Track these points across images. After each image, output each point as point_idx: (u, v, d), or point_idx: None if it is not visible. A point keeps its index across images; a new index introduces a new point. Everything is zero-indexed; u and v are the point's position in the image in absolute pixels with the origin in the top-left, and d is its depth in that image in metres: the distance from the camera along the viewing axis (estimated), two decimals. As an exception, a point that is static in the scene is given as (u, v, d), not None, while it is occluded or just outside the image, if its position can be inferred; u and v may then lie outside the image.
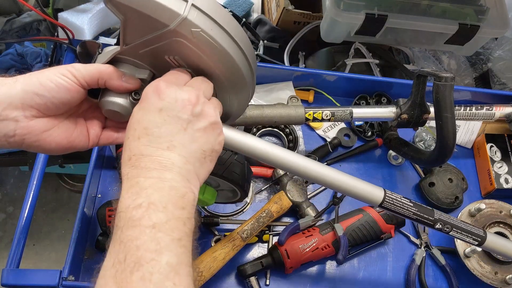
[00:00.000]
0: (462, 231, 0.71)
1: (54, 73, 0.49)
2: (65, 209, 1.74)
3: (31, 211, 0.75)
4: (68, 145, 0.53)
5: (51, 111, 0.50)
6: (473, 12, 0.97)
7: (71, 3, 1.02)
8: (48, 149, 0.52)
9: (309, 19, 1.09)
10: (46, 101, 0.48)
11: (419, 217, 0.69)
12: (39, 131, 0.50)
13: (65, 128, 0.52)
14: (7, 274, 0.69)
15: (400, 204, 0.67)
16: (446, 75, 0.75)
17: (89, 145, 0.55)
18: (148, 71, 0.54)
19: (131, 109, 0.52)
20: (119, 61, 0.53)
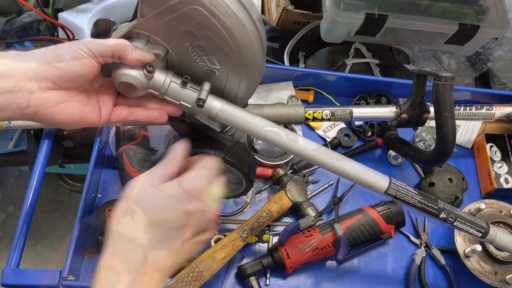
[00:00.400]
0: (466, 222, 0.71)
1: (70, 47, 0.50)
2: (65, 209, 1.75)
3: (31, 211, 0.75)
4: (80, 119, 0.53)
5: (66, 84, 0.51)
6: (473, 12, 0.97)
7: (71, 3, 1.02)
8: (60, 122, 0.52)
9: (309, 19, 1.09)
10: (61, 73, 0.49)
11: (424, 205, 0.69)
12: (53, 103, 0.50)
13: (78, 102, 0.53)
14: (7, 274, 0.69)
15: (405, 191, 0.68)
16: (446, 75, 0.75)
17: (100, 122, 0.55)
18: (162, 46, 0.55)
19: (144, 82, 0.54)
20: (133, 36, 0.55)
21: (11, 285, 0.69)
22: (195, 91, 0.57)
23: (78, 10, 1.00)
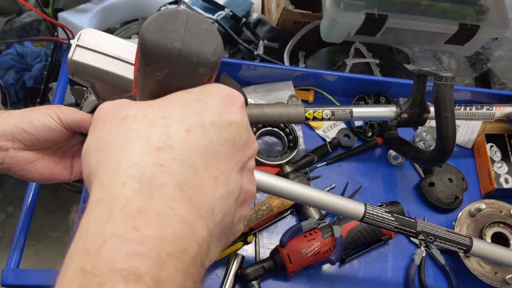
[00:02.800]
0: (446, 241, 0.73)
1: (43, 114, 0.55)
2: (65, 209, 1.74)
3: (31, 211, 0.75)
4: (49, 176, 0.58)
5: (37, 146, 0.56)
6: (473, 12, 0.97)
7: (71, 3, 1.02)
8: (31, 178, 0.58)
9: (309, 19, 1.09)
10: (32, 138, 0.55)
11: (401, 230, 0.71)
12: (24, 162, 0.56)
13: (49, 162, 0.58)
14: (7, 274, 0.69)
15: (381, 219, 0.71)
16: (446, 75, 0.75)
17: (71, 178, 0.60)
18: None
19: None
20: None
21: (11, 285, 0.69)
22: None
23: (78, 10, 1.00)
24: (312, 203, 0.70)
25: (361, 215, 0.70)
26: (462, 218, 0.90)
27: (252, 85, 1.01)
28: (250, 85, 1.01)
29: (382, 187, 0.97)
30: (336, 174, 0.97)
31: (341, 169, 0.98)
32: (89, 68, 0.63)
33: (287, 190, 0.68)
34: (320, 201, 0.69)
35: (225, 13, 1.09)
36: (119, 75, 0.62)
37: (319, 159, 0.96)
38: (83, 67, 0.63)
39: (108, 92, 0.57)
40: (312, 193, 0.69)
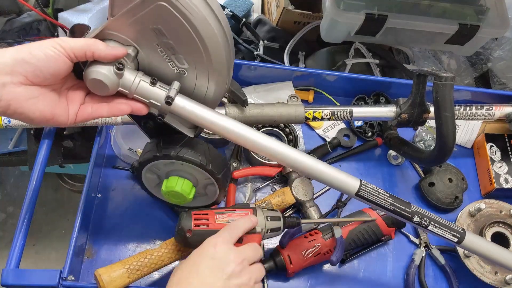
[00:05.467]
0: (441, 226, 0.70)
1: (43, 44, 0.52)
2: (65, 209, 1.75)
3: (31, 211, 0.75)
4: (50, 116, 0.55)
5: (38, 80, 0.52)
6: (473, 12, 0.97)
7: (71, 3, 1.02)
8: (31, 117, 0.53)
9: (309, 19, 1.09)
10: (35, 69, 0.51)
11: (396, 208, 0.68)
12: (25, 98, 0.52)
13: (50, 100, 0.55)
14: (7, 274, 0.69)
15: (376, 193, 0.68)
16: (446, 75, 0.75)
17: (68, 122, 0.57)
18: (132, 47, 0.57)
19: (114, 79, 0.56)
20: (106, 38, 0.57)
21: (11, 285, 0.69)
22: (164, 89, 0.58)
23: (78, 10, 1.00)
24: (303, 169, 0.66)
25: (356, 190, 0.67)
26: (462, 218, 0.90)
27: (252, 85, 1.01)
28: (250, 85, 1.01)
29: (382, 187, 0.96)
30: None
31: (341, 169, 0.97)
32: None
33: (280, 153, 0.65)
34: (313, 169, 0.66)
35: (225, 13, 1.09)
36: None
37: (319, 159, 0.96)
38: None
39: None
40: (305, 158, 0.66)
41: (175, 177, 0.70)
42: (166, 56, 0.58)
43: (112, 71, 0.55)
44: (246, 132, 0.63)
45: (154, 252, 0.73)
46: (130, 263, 0.71)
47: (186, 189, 0.70)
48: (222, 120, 0.62)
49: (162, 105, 0.58)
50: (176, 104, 0.59)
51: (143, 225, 0.86)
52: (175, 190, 0.69)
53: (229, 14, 1.10)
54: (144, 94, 0.58)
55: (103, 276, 0.69)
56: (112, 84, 0.56)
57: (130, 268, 0.71)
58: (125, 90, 0.58)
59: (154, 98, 0.58)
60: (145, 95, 0.58)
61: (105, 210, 0.87)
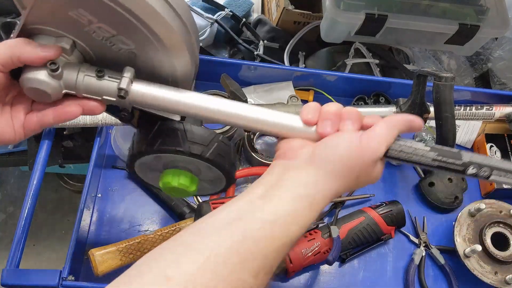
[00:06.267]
0: (507, 172, 0.52)
1: None
2: (65, 209, 1.75)
3: (31, 211, 0.75)
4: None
5: None
6: (473, 12, 0.97)
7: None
8: None
9: (309, 19, 1.09)
10: None
11: (441, 163, 0.51)
12: None
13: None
14: (7, 274, 0.69)
15: (411, 150, 0.51)
16: (446, 75, 0.75)
17: (15, 138, 0.49)
18: (66, 38, 0.48)
19: (54, 83, 0.47)
20: (33, 32, 0.48)
21: (11, 285, 0.69)
22: (115, 80, 0.48)
23: (78, 10, 1.00)
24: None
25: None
26: (462, 218, 0.90)
27: (252, 85, 1.01)
28: (250, 85, 1.01)
29: (382, 187, 0.97)
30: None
31: (341, 169, 0.98)
32: None
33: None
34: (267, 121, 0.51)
35: (225, 13, 1.09)
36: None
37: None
38: None
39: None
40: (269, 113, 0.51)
41: (170, 171, 0.58)
42: (105, 40, 0.47)
43: (47, 74, 0.46)
44: (221, 104, 0.50)
45: (148, 237, 0.74)
46: (123, 246, 0.72)
47: (185, 182, 0.58)
48: (194, 97, 0.50)
49: (117, 99, 0.48)
50: (134, 92, 0.49)
51: (143, 225, 0.86)
52: (172, 185, 0.58)
53: (229, 14, 1.10)
54: (93, 91, 0.48)
55: (95, 256, 0.71)
56: (53, 89, 0.47)
57: (123, 250, 0.72)
58: (71, 91, 0.48)
59: (106, 93, 0.48)
60: (95, 92, 0.48)
61: (105, 210, 0.87)
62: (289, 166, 0.46)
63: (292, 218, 0.42)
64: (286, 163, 0.47)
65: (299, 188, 0.44)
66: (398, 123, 0.49)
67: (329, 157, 0.46)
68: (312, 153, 0.47)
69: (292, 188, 0.44)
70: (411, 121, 0.50)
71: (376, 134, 0.47)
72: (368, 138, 0.47)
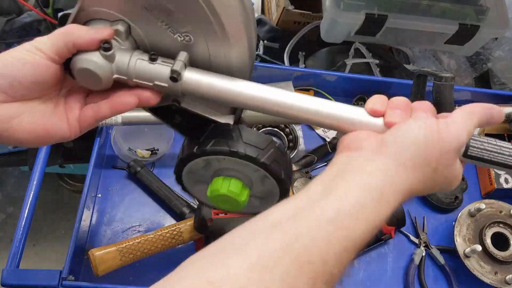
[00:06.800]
0: None
1: (18, 49, 0.44)
2: (65, 209, 1.74)
3: (31, 211, 0.75)
4: (44, 133, 0.45)
5: (20, 93, 0.43)
6: (473, 12, 0.97)
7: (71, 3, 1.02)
8: (20, 139, 0.45)
9: (309, 19, 1.09)
10: (11, 81, 0.42)
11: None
12: (8, 118, 0.43)
13: (40, 114, 0.45)
14: (7, 274, 0.69)
15: (497, 148, 0.45)
16: (446, 75, 0.75)
17: (70, 134, 0.47)
18: (121, 21, 0.46)
19: (105, 65, 0.45)
20: (88, 18, 0.47)
21: (11, 285, 0.69)
22: (168, 64, 0.46)
23: (78, 10, 1.00)
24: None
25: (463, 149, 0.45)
26: (462, 218, 0.89)
27: (252, 85, 1.01)
28: (250, 85, 1.01)
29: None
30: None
31: (341, 169, 0.98)
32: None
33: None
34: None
35: (225, 13, 1.09)
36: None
37: (319, 159, 0.96)
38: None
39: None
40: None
41: (220, 177, 0.53)
42: (162, 22, 0.45)
43: (99, 55, 0.44)
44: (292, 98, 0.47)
45: (148, 237, 0.74)
46: (123, 246, 0.72)
47: (235, 190, 0.52)
48: (253, 87, 0.47)
49: (169, 84, 0.46)
50: (188, 78, 0.46)
51: (143, 225, 0.86)
52: (220, 193, 0.52)
53: (229, 14, 1.10)
54: (145, 76, 0.46)
55: (95, 256, 0.71)
56: (103, 71, 0.45)
57: (123, 250, 0.72)
58: (122, 76, 0.46)
59: (158, 78, 0.46)
60: (147, 77, 0.46)
61: (105, 210, 0.87)
62: (354, 157, 0.40)
63: (357, 214, 0.36)
64: (349, 154, 0.41)
65: (365, 179, 0.38)
66: (477, 111, 0.43)
67: (401, 143, 0.39)
68: (381, 141, 0.40)
69: (356, 179, 0.38)
70: (491, 108, 0.44)
71: (454, 121, 0.42)
72: (447, 124, 0.41)
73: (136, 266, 0.80)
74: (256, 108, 0.47)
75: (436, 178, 0.41)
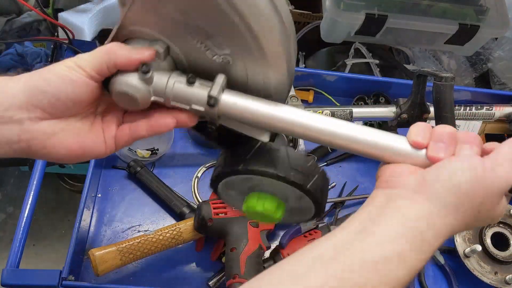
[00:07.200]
0: None
1: (58, 66, 0.43)
2: (65, 209, 1.74)
3: (31, 211, 0.75)
4: (80, 151, 0.45)
5: (59, 111, 0.43)
6: (473, 12, 0.97)
7: (71, 3, 1.02)
8: (57, 156, 0.44)
9: (309, 19, 1.09)
10: (51, 98, 0.42)
11: None
12: (46, 136, 0.43)
13: (77, 131, 0.45)
14: (7, 274, 0.69)
15: None
16: (446, 75, 0.75)
17: (106, 151, 0.47)
18: (161, 41, 0.46)
19: (143, 87, 0.44)
20: (128, 37, 0.46)
21: (11, 285, 0.69)
22: (206, 88, 0.45)
23: (78, 10, 1.00)
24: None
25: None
26: (462, 218, 0.89)
27: (252, 85, 1.01)
28: (250, 85, 1.01)
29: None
30: (336, 174, 0.97)
31: (342, 169, 0.98)
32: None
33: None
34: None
35: (225, 13, 1.09)
36: None
37: (319, 159, 0.96)
38: None
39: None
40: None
41: (255, 194, 0.53)
42: (200, 43, 0.45)
43: (137, 78, 0.44)
44: (329, 124, 0.45)
45: (148, 237, 0.74)
46: (123, 246, 0.72)
47: (270, 208, 0.52)
48: (291, 112, 0.45)
49: (206, 108, 0.45)
50: (225, 102, 0.45)
51: (143, 225, 0.86)
52: (256, 210, 0.52)
53: (229, 14, 1.10)
54: (182, 99, 0.45)
55: (95, 256, 0.71)
56: (140, 94, 0.44)
57: (123, 250, 0.72)
58: (160, 98, 0.45)
59: (195, 102, 0.45)
60: (184, 100, 0.45)
61: (105, 210, 0.87)
62: (393, 196, 0.39)
63: (398, 259, 0.35)
64: (389, 192, 0.40)
65: (406, 222, 0.37)
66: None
67: (444, 185, 0.38)
68: (422, 180, 0.39)
69: (397, 221, 0.37)
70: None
71: (503, 158, 0.39)
72: (494, 163, 0.39)
73: (136, 266, 0.80)
74: (294, 133, 0.47)
75: (479, 218, 0.40)
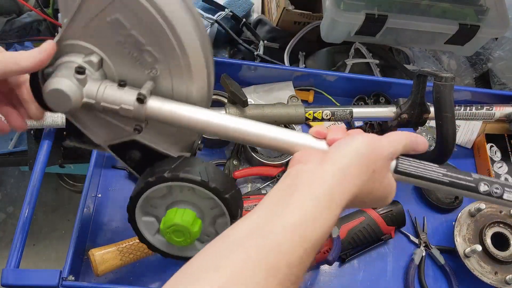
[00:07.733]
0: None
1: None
2: (65, 209, 1.75)
3: (31, 211, 0.75)
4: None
5: None
6: (473, 12, 0.97)
7: (71, 3, 1.02)
8: None
9: (309, 19, 1.09)
10: None
11: (452, 178, 0.51)
12: None
13: None
14: (7, 274, 0.69)
15: (421, 166, 0.52)
16: (446, 75, 0.75)
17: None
18: (95, 54, 0.51)
19: (76, 88, 0.49)
20: (68, 50, 0.51)
21: (11, 285, 0.69)
22: (135, 90, 0.51)
23: (78, 10, 1.00)
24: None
25: (393, 166, 0.50)
26: (462, 218, 0.90)
27: (252, 85, 1.01)
28: (250, 85, 1.01)
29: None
30: None
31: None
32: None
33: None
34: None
35: (225, 13, 1.09)
36: None
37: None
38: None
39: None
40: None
41: (174, 209, 0.57)
42: (132, 54, 0.51)
43: (72, 78, 0.49)
44: (234, 123, 0.52)
45: None
46: (123, 246, 0.72)
47: (188, 219, 0.56)
48: (209, 115, 0.51)
49: (135, 107, 0.50)
50: (152, 105, 0.51)
51: (143, 225, 0.86)
52: (174, 222, 0.56)
53: (229, 14, 1.10)
54: (113, 100, 0.50)
55: (95, 256, 0.71)
56: (73, 92, 0.49)
57: (123, 250, 0.72)
58: (91, 100, 0.50)
59: (125, 102, 0.50)
60: (114, 100, 0.50)
61: (105, 210, 0.87)
62: (303, 168, 0.45)
63: (313, 219, 0.40)
64: (300, 166, 0.46)
65: (316, 188, 0.42)
66: (404, 137, 0.50)
67: (343, 151, 0.45)
68: (325, 154, 0.46)
69: (308, 188, 0.42)
70: (416, 137, 0.51)
71: (387, 136, 0.49)
72: (381, 137, 0.48)
73: (136, 266, 0.80)
74: (211, 132, 0.52)
75: (375, 181, 0.46)
